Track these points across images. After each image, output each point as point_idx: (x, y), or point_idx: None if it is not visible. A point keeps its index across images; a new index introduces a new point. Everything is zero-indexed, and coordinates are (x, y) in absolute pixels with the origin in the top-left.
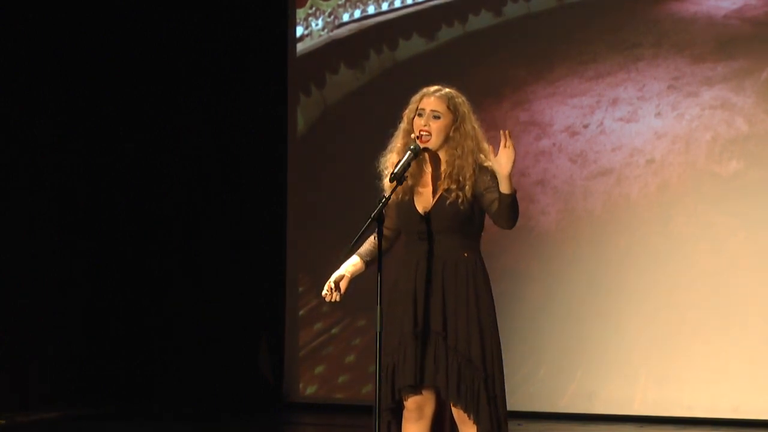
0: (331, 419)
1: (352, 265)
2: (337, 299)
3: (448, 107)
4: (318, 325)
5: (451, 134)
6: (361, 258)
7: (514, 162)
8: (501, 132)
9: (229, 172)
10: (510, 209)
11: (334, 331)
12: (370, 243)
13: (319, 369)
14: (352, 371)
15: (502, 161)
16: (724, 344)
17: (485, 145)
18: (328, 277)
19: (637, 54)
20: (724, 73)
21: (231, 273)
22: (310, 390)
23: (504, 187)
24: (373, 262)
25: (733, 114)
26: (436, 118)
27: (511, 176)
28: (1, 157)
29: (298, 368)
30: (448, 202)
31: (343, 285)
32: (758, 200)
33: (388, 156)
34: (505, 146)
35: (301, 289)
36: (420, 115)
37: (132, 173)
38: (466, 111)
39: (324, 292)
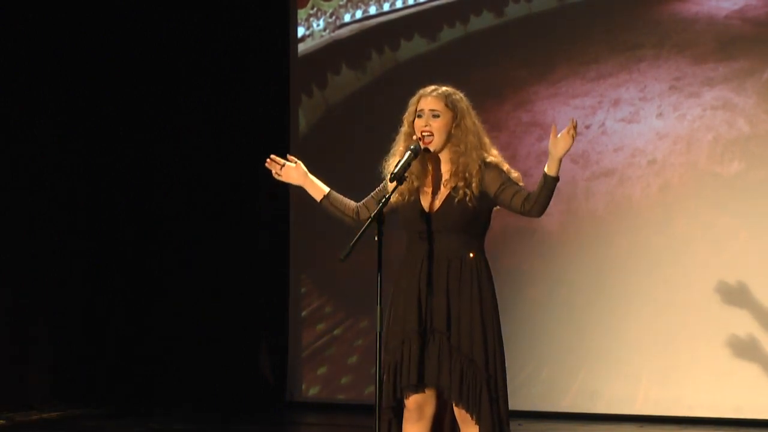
0: (334, 419)
1: (318, 183)
2: (274, 167)
3: (447, 105)
4: (320, 326)
5: (452, 131)
6: (330, 192)
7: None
8: (571, 120)
9: (230, 173)
10: (549, 193)
11: (336, 332)
12: (344, 205)
13: (321, 370)
14: (355, 372)
15: (560, 144)
16: (726, 344)
17: (486, 140)
18: (330, 278)
19: (639, 55)
20: (726, 73)
21: (232, 273)
22: (313, 390)
23: (552, 170)
24: (332, 204)
25: (735, 114)
26: (436, 116)
27: (561, 161)
28: (2, 157)
29: (301, 369)
30: (456, 200)
31: (294, 171)
32: (760, 201)
33: (390, 161)
34: (568, 132)
35: (303, 290)
36: (419, 116)
37: (132, 173)
38: (465, 107)
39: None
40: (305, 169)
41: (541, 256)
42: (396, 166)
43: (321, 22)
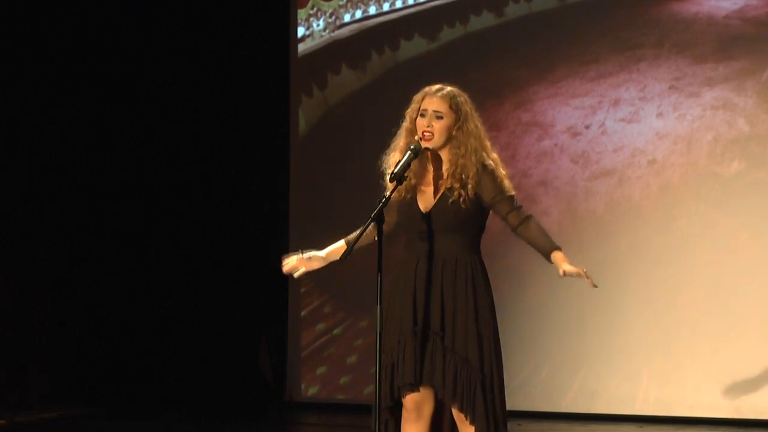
0: (333, 419)
1: (332, 249)
2: (294, 268)
3: (451, 107)
4: (320, 326)
5: (453, 133)
6: (347, 244)
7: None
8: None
9: (231, 173)
10: (536, 250)
11: (335, 331)
12: (365, 235)
13: (321, 369)
14: (354, 372)
15: (567, 270)
16: (726, 344)
17: (487, 143)
18: (330, 278)
19: (639, 54)
20: (726, 73)
21: (233, 273)
22: (312, 390)
23: (550, 261)
24: (357, 247)
25: (735, 114)
26: (439, 118)
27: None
28: (2, 158)
29: (300, 369)
30: (450, 200)
31: (308, 266)
32: (760, 200)
33: (391, 155)
34: (585, 278)
35: (303, 290)
36: (422, 115)
37: (134, 173)
38: (469, 110)
39: (289, 264)
40: (316, 252)
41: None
42: (396, 165)
43: (321, 22)
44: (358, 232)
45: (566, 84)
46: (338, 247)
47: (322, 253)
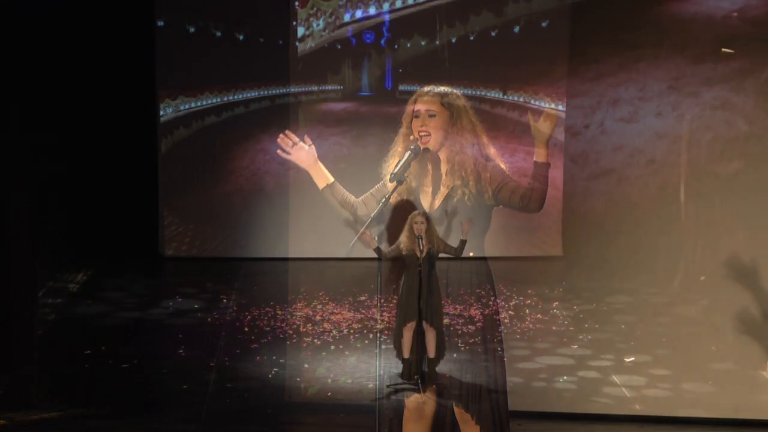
0: (334, 419)
1: (325, 173)
2: (286, 143)
3: (442, 104)
4: (320, 326)
5: (449, 130)
6: (334, 183)
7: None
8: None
9: (229, 171)
10: (544, 183)
11: (336, 331)
12: (346, 193)
13: (321, 370)
14: (354, 372)
15: (543, 126)
16: (725, 344)
17: (485, 139)
18: (330, 277)
19: (638, 54)
20: (724, 73)
21: (232, 272)
22: (312, 390)
23: (542, 156)
24: (334, 195)
25: (734, 114)
26: (432, 116)
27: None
28: (3, 159)
29: (300, 369)
30: (455, 199)
31: (304, 153)
32: (758, 200)
33: (390, 161)
34: (545, 118)
35: (303, 289)
36: (416, 117)
37: (133, 171)
38: (462, 105)
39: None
40: (316, 154)
41: (541, 255)
42: (396, 166)
43: (321, 22)
44: (346, 196)
45: (566, 84)
46: (328, 176)
47: (320, 163)
